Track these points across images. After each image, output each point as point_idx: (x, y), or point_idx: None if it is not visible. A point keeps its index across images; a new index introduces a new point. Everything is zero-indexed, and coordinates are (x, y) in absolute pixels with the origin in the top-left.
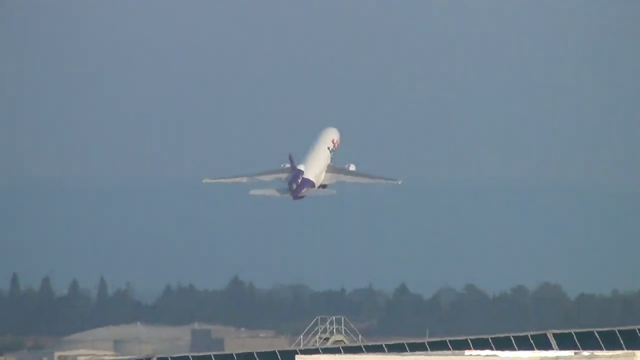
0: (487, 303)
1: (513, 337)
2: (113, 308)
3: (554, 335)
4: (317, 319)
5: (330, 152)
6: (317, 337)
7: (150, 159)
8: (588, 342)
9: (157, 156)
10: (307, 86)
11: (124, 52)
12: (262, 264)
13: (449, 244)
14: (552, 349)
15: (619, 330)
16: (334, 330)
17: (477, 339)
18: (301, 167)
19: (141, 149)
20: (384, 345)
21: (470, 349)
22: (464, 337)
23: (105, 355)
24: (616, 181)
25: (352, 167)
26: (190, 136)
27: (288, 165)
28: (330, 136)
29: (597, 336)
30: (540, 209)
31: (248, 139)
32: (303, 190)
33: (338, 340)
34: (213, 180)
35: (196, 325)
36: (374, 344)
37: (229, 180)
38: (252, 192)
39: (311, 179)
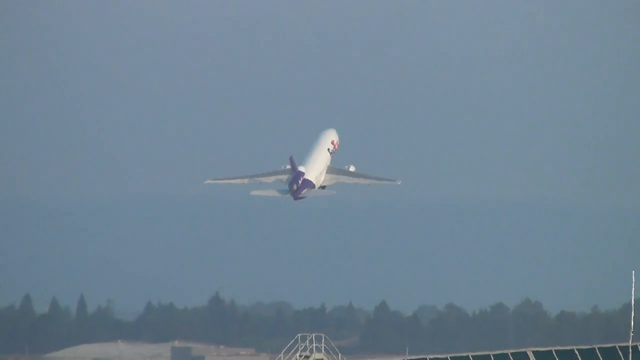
0: (467, 321)
1: (493, 355)
2: (94, 326)
3: (534, 353)
4: (298, 337)
5: (330, 153)
6: (297, 355)
7: (132, 175)
8: None
9: (138, 171)
10: (308, 89)
11: (123, 54)
12: (243, 281)
13: (429, 262)
14: None
15: (599, 348)
16: (314, 348)
17: (457, 356)
18: (302, 168)
19: (123, 164)
20: None
21: None
22: (444, 355)
23: None
24: (595, 200)
25: (352, 168)
26: (191, 138)
27: (289, 167)
28: (330, 138)
29: (578, 354)
30: (519, 227)
31: (249, 141)
32: (304, 191)
33: (318, 359)
34: (215, 182)
35: (176, 343)
36: None
37: (230, 182)
38: (253, 192)
39: (311, 180)
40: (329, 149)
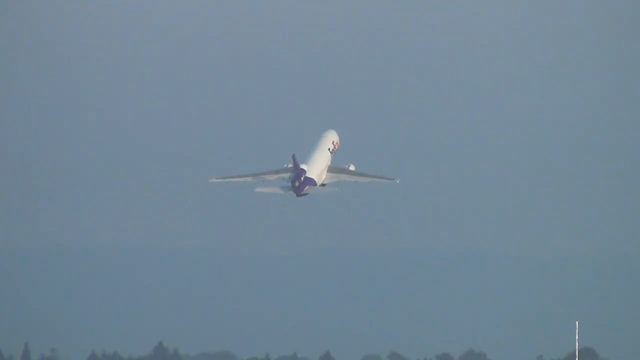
0: None
1: None
2: None
3: None
4: None
5: (331, 153)
6: None
7: (82, 224)
8: None
9: (93, 221)
10: (309, 89)
11: (121, 55)
12: (187, 329)
13: (373, 311)
14: None
15: None
16: None
17: None
18: (304, 166)
19: (71, 213)
20: None
21: None
22: None
23: None
24: (539, 250)
25: (352, 167)
26: (192, 138)
27: (291, 165)
28: (331, 138)
29: None
30: (463, 276)
31: (252, 140)
32: (306, 189)
33: None
34: (220, 180)
35: None
36: None
37: (234, 180)
38: (258, 189)
39: (313, 177)
40: (329, 149)
